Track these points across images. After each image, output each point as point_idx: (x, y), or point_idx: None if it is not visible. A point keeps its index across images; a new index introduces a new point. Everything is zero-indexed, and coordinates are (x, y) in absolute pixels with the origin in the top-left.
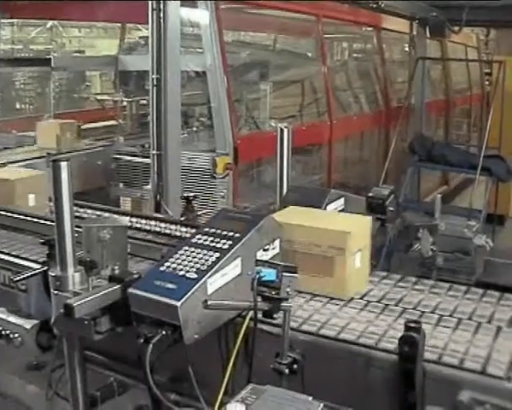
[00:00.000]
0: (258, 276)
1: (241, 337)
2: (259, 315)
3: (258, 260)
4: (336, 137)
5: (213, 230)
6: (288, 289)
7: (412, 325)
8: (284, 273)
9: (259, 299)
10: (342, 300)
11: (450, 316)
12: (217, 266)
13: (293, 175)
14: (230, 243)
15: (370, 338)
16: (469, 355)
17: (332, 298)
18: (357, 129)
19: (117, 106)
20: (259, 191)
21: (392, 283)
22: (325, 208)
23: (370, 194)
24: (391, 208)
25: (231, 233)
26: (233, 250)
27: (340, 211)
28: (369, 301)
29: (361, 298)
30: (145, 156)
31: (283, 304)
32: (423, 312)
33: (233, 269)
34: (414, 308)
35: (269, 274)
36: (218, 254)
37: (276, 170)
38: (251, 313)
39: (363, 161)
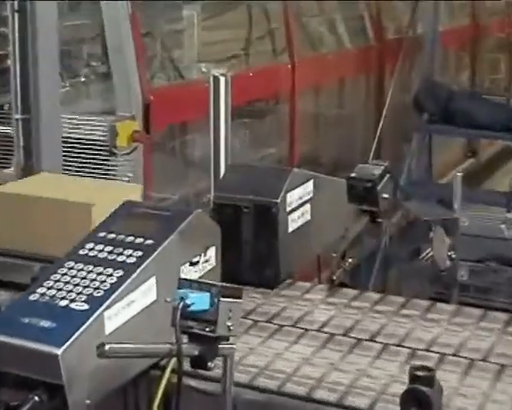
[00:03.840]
0: (182, 304)
1: (159, 399)
2: (186, 364)
3: (182, 280)
4: (301, 87)
5: (113, 235)
6: (230, 323)
7: (420, 373)
8: (222, 299)
9: (185, 339)
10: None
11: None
12: (119, 291)
13: (235, 148)
14: (139, 254)
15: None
16: None
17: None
18: (334, 75)
19: None
20: (185, 174)
21: (367, 305)
22: (285, 196)
23: (353, 174)
24: (385, 196)
25: (141, 239)
26: (143, 266)
27: (308, 200)
28: (333, 335)
29: (319, 329)
30: (4, 123)
31: (222, 346)
32: (415, 350)
33: (144, 295)
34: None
35: (199, 300)
36: (120, 273)
37: (209, 140)
38: (173, 362)
39: (343, 124)
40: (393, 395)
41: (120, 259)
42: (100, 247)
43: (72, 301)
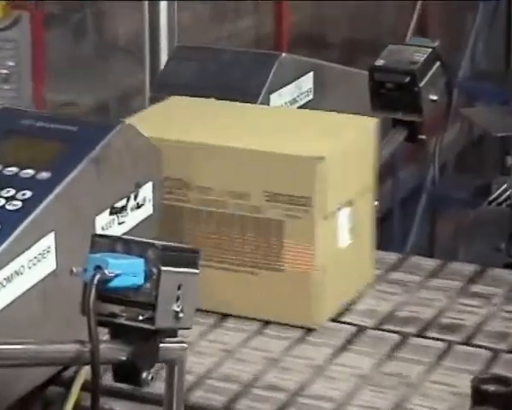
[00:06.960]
0: (99, 277)
1: None
2: (106, 376)
3: (99, 238)
4: None
5: None
6: (178, 308)
7: (491, 388)
8: (165, 268)
9: (105, 335)
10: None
11: None
12: None
13: (185, 19)
14: (27, 196)
15: None
16: None
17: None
18: None
19: None
20: (102, 63)
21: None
22: (267, 98)
23: (381, 62)
24: (434, 97)
25: (29, 172)
26: (34, 215)
27: (306, 104)
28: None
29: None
30: None
31: (166, 346)
32: None
33: (35, 262)
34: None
35: (127, 270)
36: None
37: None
38: (85, 373)
39: None
40: None
41: None
42: None
43: None
